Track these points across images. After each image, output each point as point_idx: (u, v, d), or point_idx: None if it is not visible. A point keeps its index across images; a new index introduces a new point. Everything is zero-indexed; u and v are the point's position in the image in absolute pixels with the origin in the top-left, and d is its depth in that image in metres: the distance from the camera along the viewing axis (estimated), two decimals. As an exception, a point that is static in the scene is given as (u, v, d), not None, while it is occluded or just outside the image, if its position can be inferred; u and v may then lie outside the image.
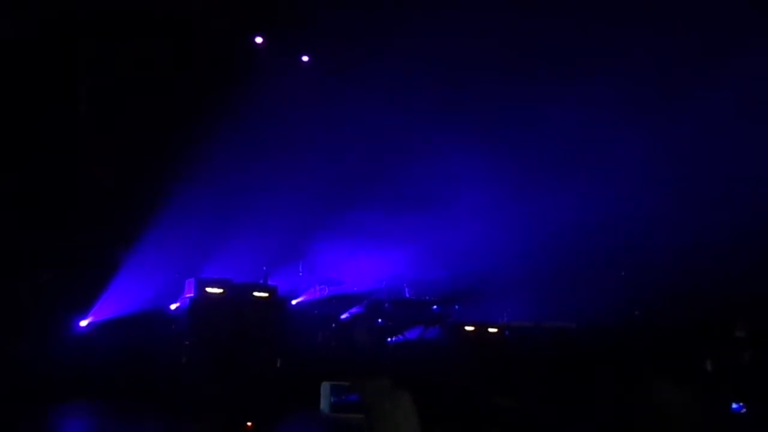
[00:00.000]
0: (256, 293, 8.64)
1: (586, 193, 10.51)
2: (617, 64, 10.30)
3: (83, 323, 9.08)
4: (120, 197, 9.83)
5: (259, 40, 11.67)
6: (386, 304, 10.54)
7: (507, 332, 9.16)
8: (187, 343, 8.00)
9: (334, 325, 10.07)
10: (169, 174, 9.85)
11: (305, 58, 12.27)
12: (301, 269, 10.66)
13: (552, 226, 10.55)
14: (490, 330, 9.41)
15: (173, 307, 9.22)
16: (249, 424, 6.17)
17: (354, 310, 10.60)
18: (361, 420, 2.04)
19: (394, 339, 9.72)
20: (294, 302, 10.53)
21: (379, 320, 10.24)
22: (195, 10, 10.36)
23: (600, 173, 10.85)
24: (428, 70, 11.06)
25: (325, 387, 6.83)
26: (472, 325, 9.44)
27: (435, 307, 10.65)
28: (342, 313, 10.46)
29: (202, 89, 10.44)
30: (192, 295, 8.31)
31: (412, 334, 9.75)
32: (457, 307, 10.80)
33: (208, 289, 8.36)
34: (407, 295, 10.99)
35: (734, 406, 4.94)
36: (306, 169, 11.10)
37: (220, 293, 8.41)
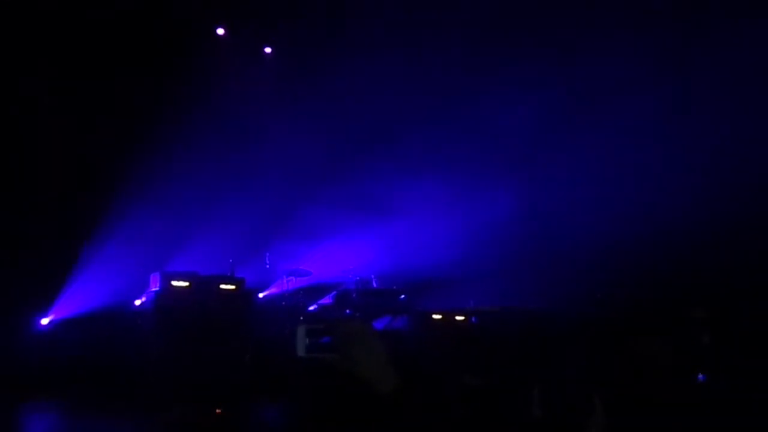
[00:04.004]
0: (222, 285, 8.57)
1: (549, 181, 10.68)
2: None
3: (44, 321, 8.90)
4: (80, 190, 9.63)
5: (221, 31, 11.57)
6: (354, 295, 10.57)
7: (474, 318, 9.28)
8: (153, 337, 7.89)
9: (302, 317, 10.05)
10: (130, 166, 9.70)
11: (268, 50, 12.20)
12: (267, 261, 10.61)
13: (516, 213, 10.70)
14: (457, 317, 9.51)
15: (138, 302, 9.11)
16: (218, 411, 6.15)
17: (322, 301, 10.61)
18: (333, 359, 2.09)
19: None
20: (261, 294, 10.49)
21: (347, 311, 10.26)
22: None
23: (558, 162, 11.01)
24: (393, 62, 11.08)
25: (300, 330, 6.77)
26: (439, 313, 9.52)
27: (402, 296, 10.71)
28: (310, 305, 10.47)
29: (164, 80, 10.28)
30: (157, 288, 8.21)
31: (380, 323, 9.79)
32: (423, 296, 10.88)
33: (174, 283, 8.27)
34: (374, 286, 11.04)
35: (699, 376, 5.13)
36: (270, 161, 11.04)
37: (186, 286, 8.32)
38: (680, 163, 9.74)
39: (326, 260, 11.26)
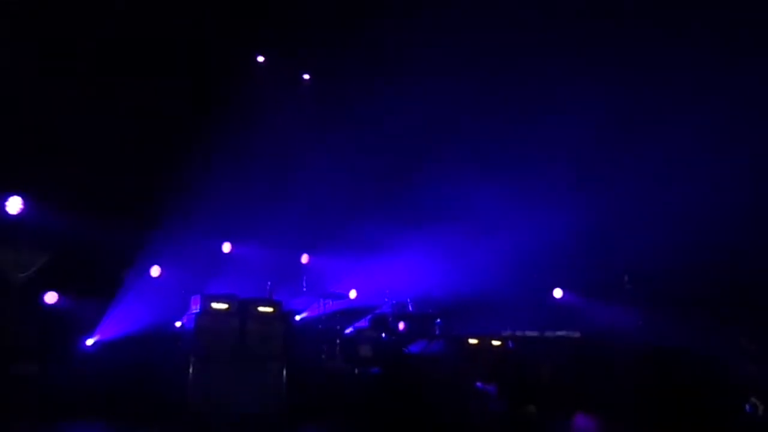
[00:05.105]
0: (260, 308, 8.70)
1: (589, 204, 10.50)
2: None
3: (89, 342, 9.14)
4: (123, 215, 9.89)
5: (261, 59, 11.87)
6: (390, 319, 10.58)
7: (511, 343, 9.20)
8: (193, 358, 8.03)
9: (338, 340, 10.10)
10: (171, 191, 9.94)
11: (306, 77, 12.46)
12: (304, 285, 10.72)
13: (554, 237, 10.57)
14: (494, 342, 9.44)
15: (178, 324, 9.29)
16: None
17: (358, 324, 10.66)
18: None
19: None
20: (298, 317, 10.59)
21: (383, 335, 10.28)
22: (197, 29, 10.51)
23: (603, 182, 10.82)
24: (430, 87, 11.14)
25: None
26: (475, 338, 9.47)
27: (438, 320, 10.68)
28: (346, 328, 10.52)
29: (203, 107, 10.56)
30: (198, 310, 8.38)
31: (416, 347, 9.78)
32: (460, 320, 10.83)
33: (214, 305, 8.42)
34: (410, 309, 11.04)
35: (747, 407, 5.03)
36: (306, 184, 11.20)
37: (226, 308, 8.47)
38: (744, 182, 9.38)
39: (363, 283, 11.32)
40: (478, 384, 5.58)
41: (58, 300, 9.25)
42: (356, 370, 8.24)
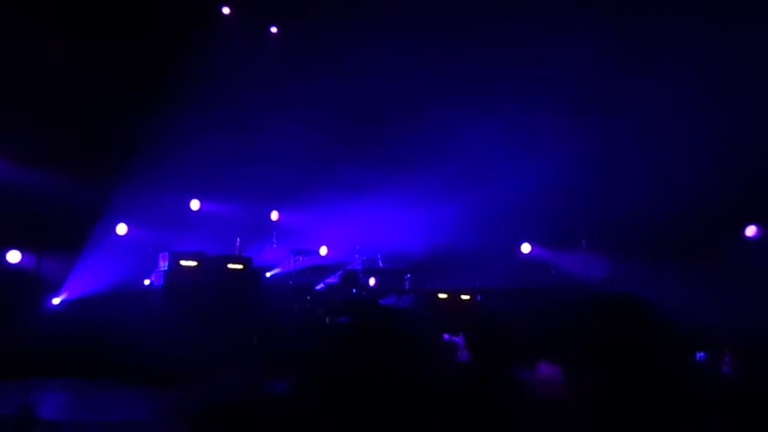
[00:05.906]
0: (230, 265, 8.67)
1: (561, 158, 10.50)
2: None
3: (56, 301, 9.05)
4: (87, 174, 9.71)
5: (226, 10, 11.56)
6: (360, 275, 10.65)
7: (479, 297, 9.34)
8: (162, 315, 8.01)
9: (308, 296, 10.15)
10: (135, 148, 9.75)
11: (273, 30, 12.19)
12: (275, 241, 10.70)
13: (524, 191, 10.61)
14: (463, 296, 9.56)
15: (147, 281, 9.23)
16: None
17: (328, 280, 10.71)
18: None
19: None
20: (268, 274, 10.60)
21: (354, 290, 10.36)
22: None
23: (577, 134, 10.81)
24: (401, 37, 10.92)
25: None
26: (444, 292, 9.58)
27: (408, 275, 10.78)
28: (316, 284, 10.57)
29: (169, 60, 10.29)
30: (166, 268, 8.32)
31: (385, 302, 9.88)
32: (430, 275, 10.94)
33: (183, 262, 8.38)
34: (380, 265, 11.11)
35: (699, 355, 5.19)
36: (276, 138, 11.05)
37: (194, 266, 8.43)
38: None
39: (333, 239, 11.34)
40: (445, 336, 5.64)
41: (22, 259, 9.11)
42: (327, 320, 8.30)
